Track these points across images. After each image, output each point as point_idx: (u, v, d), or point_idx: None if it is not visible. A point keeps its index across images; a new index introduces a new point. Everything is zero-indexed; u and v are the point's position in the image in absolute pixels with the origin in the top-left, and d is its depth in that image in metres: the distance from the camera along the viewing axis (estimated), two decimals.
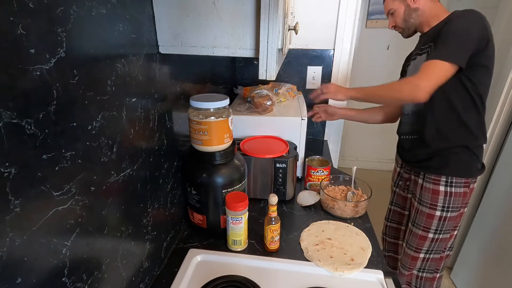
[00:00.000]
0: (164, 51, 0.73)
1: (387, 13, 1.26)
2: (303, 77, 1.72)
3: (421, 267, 1.34)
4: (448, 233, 1.26)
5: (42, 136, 0.40)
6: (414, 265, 1.34)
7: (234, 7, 0.65)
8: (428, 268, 1.34)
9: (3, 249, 0.36)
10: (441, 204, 1.20)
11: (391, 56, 2.94)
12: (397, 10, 1.21)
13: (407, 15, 1.19)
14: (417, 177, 1.28)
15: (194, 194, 0.91)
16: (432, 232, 1.25)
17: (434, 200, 1.21)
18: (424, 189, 1.24)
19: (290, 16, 0.97)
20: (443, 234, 1.25)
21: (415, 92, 1.03)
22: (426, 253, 1.30)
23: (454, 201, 1.20)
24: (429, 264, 1.32)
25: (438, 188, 1.20)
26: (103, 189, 0.55)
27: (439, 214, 1.22)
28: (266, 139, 1.21)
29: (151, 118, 0.72)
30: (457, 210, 1.22)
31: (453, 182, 1.18)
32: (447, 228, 1.25)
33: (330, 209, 1.07)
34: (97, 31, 0.51)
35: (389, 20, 1.26)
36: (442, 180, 1.19)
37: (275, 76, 0.68)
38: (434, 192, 1.21)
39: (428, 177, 1.23)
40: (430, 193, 1.22)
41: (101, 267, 0.57)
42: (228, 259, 0.86)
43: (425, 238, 1.27)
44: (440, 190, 1.20)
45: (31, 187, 0.39)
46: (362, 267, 0.84)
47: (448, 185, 1.19)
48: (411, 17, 1.19)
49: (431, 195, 1.21)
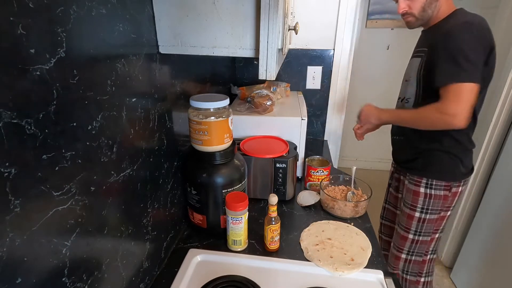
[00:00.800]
0: (164, 51, 0.73)
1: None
2: (303, 77, 1.72)
3: (404, 269, 1.35)
4: (428, 235, 1.26)
5: (42, 136, 0.40)
6: (398, 265, 1.35)
7: (234, 7, 0.65)
8: (411, 271, 1.35)
9: (3, 249, 0.36)
10: (420, 206, 1.21)
11: (391, 56, 2.94)
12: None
13: (428, 4, 1.07)
14: (404, 177, 1.30)
15: (194, 194, 0.91)
16: (412, 233, 1.26)
17: (414, 201, 1.22)
18: (407, 189, 1.26)
19: (290, 16, 0.97)
20: (422, 236, 1.26)
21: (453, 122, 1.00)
22: (407, 254, 1.31)
23: (434, 204, 1.20)
24: (412, 266, 1.34)
25: (419, 190, 1.21)
26: (103, 189, 0.55)
27: (418, 215, 1.23)
28: (266, 139, 1.21)
29: (151, 118, 0.72)
30: (436, 213, 1.22)
31: (433, 184, 1.18)
32: (426, 231, 1.25)
33: (330, 209, 1.07)
34: (97, 31, 0.51)
35: (401, 3, 1.11)
36: (423, 182, 1.20)
37: (275, 76, 0.68)
38: (415, 193, 1.22)
39: (411, 178, 1.24)
40: (411, 194, 1.23)
41: (101, 267, 0.57)
42: (228, 259, 0.86)
43: (405, 238, 1.28)
44: (420, 192, 1.20)
45: (31, 187, 0.39)
46: (362, 267, 0.84)
47: (428, 187, 1.19)
48: (430, 7, 1.08)
49: (412, 196, 1.23)
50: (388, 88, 3.07)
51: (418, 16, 1.11)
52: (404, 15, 1.13)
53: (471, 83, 0.98)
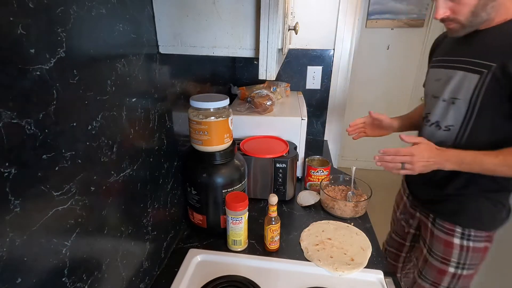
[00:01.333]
0: (164, 51, 0.73)
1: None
2: (303, 77, 1.72)
3: None
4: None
5: (42, 136, 0.40)
6: None
7: (234, 7, 0.65)
8: None
9: (3, 249, 0.36)
10: (455, 260, 0.97)
11: (391, 56, 2.94)
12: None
13: (480, 6, 0.78)
14: (427, 218, 1.05)
15: (194, 194, 0.91)
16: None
17: (447, 254, 0.98)
18: (435, 237, 1.01)
19: (290, 16, 0.97)
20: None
21: None
22: None
23: (473, 258, 0.96)
24: None
25: (452, 240, 0.96)
26: (103, 189, 0.55)
27: (453, 271, 0.98)
28: (266, 139, 1.21)
29: (151, 118, 0.72)
30: (474, 267, 0.98)
31: (471, 235, 0.94)
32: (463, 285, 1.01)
33: (330, 209, 1.07)
34: (97, 31, 0.51)
35: (440, 5, 0.82)
36: (457, 231, 0.95)
37: (275, 76, 0.68)
38: (447, 244, 0.97)
39: (440, 224, 0.99)
40: (442, 244, 0.98)
41: (101, 267, 0.57)
42: (228, 259, 0.86)
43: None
44: (455, 243, 0.96)
45: (31, 187, 0.39)
46: (362, 267, 0.84)
47: (465, 238, 0.95)
48: (485, 10, 0.79)
49: (443, 247, 0.98)
50: (388, 88, 3.08)
51: (466, 22, 0.82)
52: (444, 20, 0.85)
53: None
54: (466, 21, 0.81)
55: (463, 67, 0.87)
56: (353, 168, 1.17)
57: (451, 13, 0.82)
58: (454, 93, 0.89)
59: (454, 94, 0.89)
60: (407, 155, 0.86)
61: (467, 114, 0.86)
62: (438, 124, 0.95)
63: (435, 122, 0.96)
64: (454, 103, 0.89)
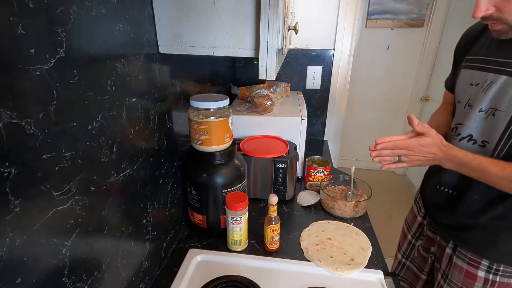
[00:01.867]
0: (164, 51, 0.73)
1: None
2: (303, 77, 1.72)
3: None
4: None
5: (42, 136, 0.40)
6: None
7: (234, 7, 0.65)
8: None
9: (3, 249, 0.36)
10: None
11: (391, 56, 2.95)
12: None
13: None
14: (446, 244, 0.93)
15: (194, 194, 0.91)
16: None
17: (468, 286, 0.87)
18: (453, 265, 0.89)
19: (290, 16, 0.97)
20: None
21: None
22: None
23: None
24: None
25: (476, 273, 0.85)
26: (103, 189, 0.55)
27: None
28: (266, 139, 1.21)
29: (151, 118, 0.72)
30: None
31: (500, 269, 0.82)
32: None
33: (330, 209, 1.07)
34: (97, 31, 0.51)
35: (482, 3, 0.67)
36: (483, 264, 0.84)
37: (275, 76, 0.68)
38: (469, 276, 0.86)
39: (462, 253, 0.87)
40: (463, 275, 0.87)
41: (101, 267, 0.57)
42: (228, 259, 0.86)
43: None
44: (479, 276, 0.84)
45: (31, 187, 0.39)
46: (362, 267, 0.84)
47: (492, 272, 0.83)
48: None
49: (464, 278, 0.87)
50: (388, 88, 3.08)
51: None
52: (487, 19, 0.71)
53: None
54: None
55: (505, 70, 0.72)
56: (353, 168, 1.17)
57: (495, 10, 0.67)
58: (494, 103, 0.74)
59: (495, 104, 0.74)
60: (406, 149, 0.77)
61: (508, 129, 0.73)
62: (472, 138, 0.80)
63: (467, 136, 0.81)
64: (494, 116, 0.75)
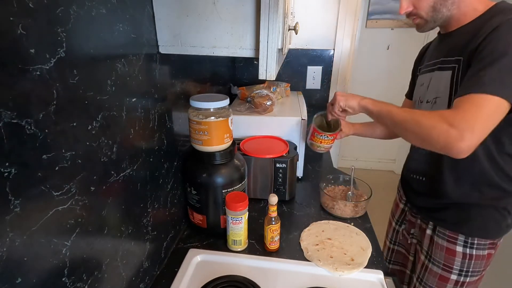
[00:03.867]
0: (164, 51, 0.73)
1: None
2: (303, 77, 1.72)
3: None
4: None
5: (42, 136, 0.40)
6: None
7: (234, 7, 0.65)
8: None
9: (3, 249, 0.36)
10: (457, 268, 0.95)
11: (391, 56, 2.95)
12: None
13: (439, 2, 0.82)
14: (426, 225, 1.02)
15: (194, 194, 0.91)
16: None
17: (449, 262, 0.95)
18: (435, 244, 0.98)
19: (290, 16, 0.97)
20: None
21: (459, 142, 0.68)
22: None
23: (475, 265, 0.93)
24: None
25: (455, 248, 0.94)
26: (103, 189, 0.55)
27: (455, 278, 0.96)
28: (266, 139, 1.21)
29: (151, 118, 0.72)
30: (478, 274, 0.96)
31: (475, 243, 0.92)
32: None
33: (330, 209, 1.07)
34: (97, 31, 0.51)
35: (403, 2, 0.86)
36: (460, 239, 0.93)
37: (275, 76, 0.68)
38: (449, 252, 0.95)
39: (441, 232, 0.96)
40: (444, 251, 0.96)
41: (101, 267, 0.57)
42: (228, 259, 0.86)
43: None
44: (457, 251, 0.93)
45: (31, 187, 0.39)
46: (362, 267, 0.84)
47: (468, 246, 0.92)
48: (445, 5, 0.82)
49: (445, 255, 0.96)
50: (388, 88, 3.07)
51: (428, 17, 0.86)
52: (409, 15, 0.89)
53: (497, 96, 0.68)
54: (428, 16, 0.85)
55: (438, 67, 0.90)
56: (352, 168, 1.17)
57: (413, 8, 0.86)
58: (435, 93, 0.91)
59: (435, 94, 0.91)
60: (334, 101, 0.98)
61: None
62: None
63: None
64: (436, 103, 0.91)
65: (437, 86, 0.90)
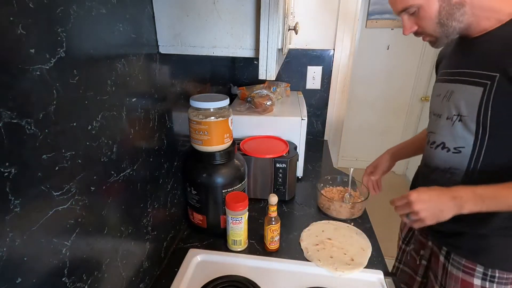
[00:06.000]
0: (164, 51, 0.73)
1: (401, 11, 0.77)
2: (303, 77, 1.72)
3: None
4: None
5: (42, 136, 0.40)
6: None
7: (234, 7, 0.65)
8: None
9: (3, 249, 0.36)
10: None
11: (391, 56, 2.94)
12: (423, 7, 0.73)
13: (445, 16, 0.72)
14: (439, 251, 0.89)
15: (194, 194, 0.91)
16: None
17: None
18: (449, 275, 0.86)
19: (290, 16, 0.97)
20: None
21: None
22: None
23: None
24: None
25: (472, 281, 0.82)
26: (103, 189, 0.55)
27: None
28: (266, 139, 1.21)
29: (151, 118, 0.72)
30: None
31: (496, 276, 0.79)
32: None
33: (326, 209, 1.07)
34: (97, 31, 0.51)
35: (406, 22, 0.78)
36: (478, 271, 0.81)
37: (275, 76, 0.68)
38: (465, 285, 0.83)
39: (456, 260, 0.84)
40: (459, 284, 0.84)
41: (101, 267, 0.57)
42: (228, 259, 0.86)
43: None
44: (475, 284, 0.81)
45: (31, 187, 0.39)
46: (362, 267, 0.84)
47: (488, 280, 0.80)
48: (452, 20, 0.73)
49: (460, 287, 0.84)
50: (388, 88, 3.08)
51: (437, 34, 0.76)
52: (416, 35, 0.81)
53: None
54: (436, 33, 0.76)
55: (461, 79, 0.78)
56: (351, 169, 1.17)
57: (418, 27, 0.78)
58: (457, 110, 0.78)
59: (457, 111, 0.78)
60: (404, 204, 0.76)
61: (479, 134, 0.74)
62: (445, 146, 0.81)
63: (440, 143, 0.83)
64: (461, 121, 0.77)
65: (460, 102, 0.77)
